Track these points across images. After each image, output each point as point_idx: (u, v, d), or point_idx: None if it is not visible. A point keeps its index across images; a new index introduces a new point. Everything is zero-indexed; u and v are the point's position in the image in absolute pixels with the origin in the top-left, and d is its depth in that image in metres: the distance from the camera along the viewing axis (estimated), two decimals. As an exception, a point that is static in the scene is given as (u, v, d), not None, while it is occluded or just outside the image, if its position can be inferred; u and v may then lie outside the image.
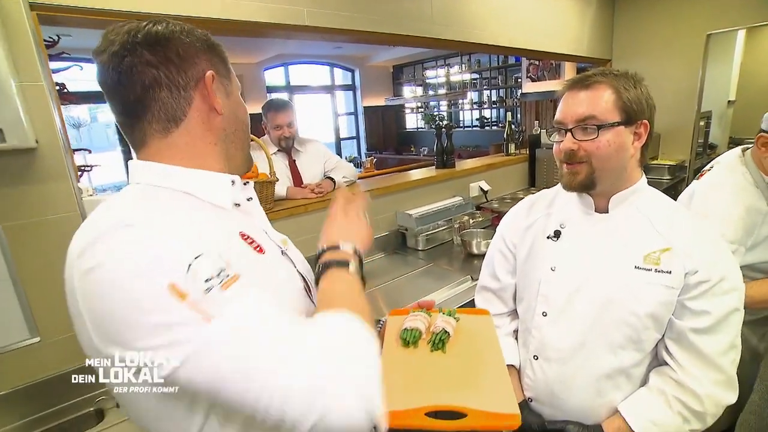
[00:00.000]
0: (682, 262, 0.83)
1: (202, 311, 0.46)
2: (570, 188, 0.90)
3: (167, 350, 0.46)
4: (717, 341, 0.82)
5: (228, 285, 0.49)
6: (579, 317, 0.90)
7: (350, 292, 0.63)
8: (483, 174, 2.85)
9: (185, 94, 0.61)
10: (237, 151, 0.69)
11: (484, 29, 2.57)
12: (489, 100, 7.60)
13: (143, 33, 0.58)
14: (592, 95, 0.84)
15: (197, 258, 0.49)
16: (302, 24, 1.73)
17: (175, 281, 0.46)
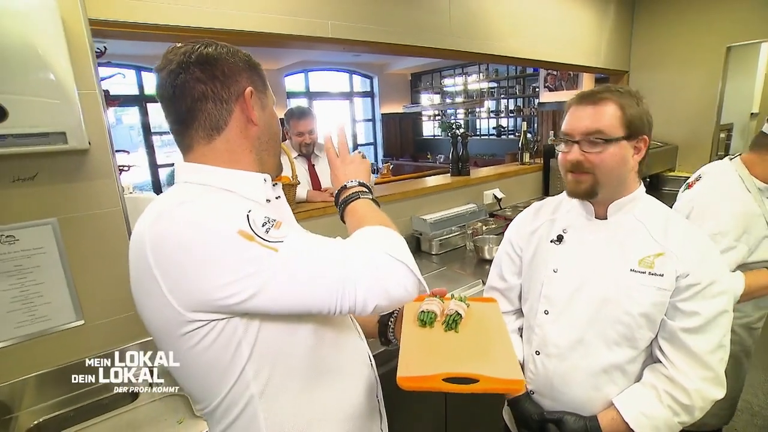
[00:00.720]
0: (675, 266, 0.89)
1: (269, 246, 0.59)
2: (574, 195, 0.98)
3: (245, 281, 0.58)
4: (706, 340, 0.88)
5: (278, 226, 0.62)
6: (578, 316, 0.97)
7: (370, 212, 0.76)
8: (497, 182, 2.91)
9: (227, 107, 0.72)
10: (269, 157, 0.78)
11: (502, 41, 2.65)
12: (506, 109, 7.65)
13: (196, 54, 0.69)
14: (600, 111, 0.91)
15: (250, 211, 0.62)
16: (326, 36, 1.83)
17: (241, 227, 0.59)
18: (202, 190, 0.67)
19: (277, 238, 0.60)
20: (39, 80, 0.91)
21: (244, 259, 0.58)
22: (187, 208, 0.61)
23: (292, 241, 0.61)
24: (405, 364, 0.75)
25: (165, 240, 0.59)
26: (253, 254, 0.58)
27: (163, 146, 6.58)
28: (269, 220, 0.62)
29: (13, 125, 0.91)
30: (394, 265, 0.64)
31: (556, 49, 3.11)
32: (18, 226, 1.09)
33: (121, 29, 1.35)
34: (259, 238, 0.59)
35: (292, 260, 0.60)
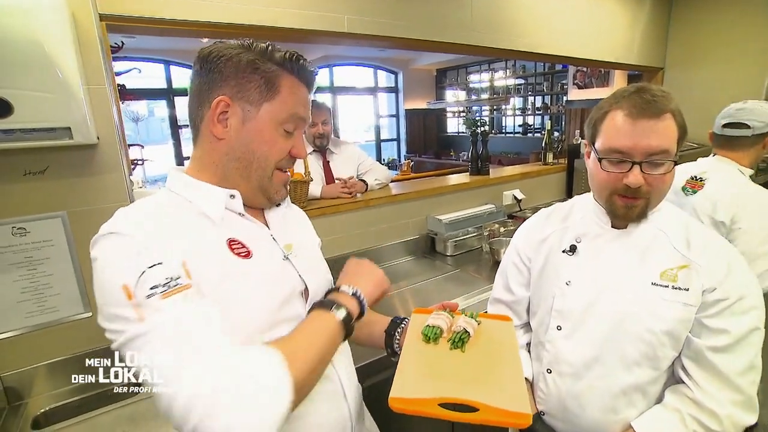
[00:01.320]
0: (700, 280, 0.82)
1: (138, 312, 0.55)
2: (624, 220, 0.89)
3: (116, 333, 0.57)
4: (736, 361, 0.80)
5: (169, 294, 0.57)
6: (594, 332, 0.90)
7: (313, 333, 0.66)
8: (518, 182, 2.82)
9: (200, 111, 0.70)
10: (240, 180, 0.72)
11: (526, 36, 2.55)
12: (533, 106, 7.45)
13: (209, 48, 0.69)
14: (663, 126, 0.80)
15: (152, 267, 0.58)
16: (342, 31, 1.80)
17: (127, 283, 0.56)
18: (152, 213, 0.66)
19: (152, 308, 0.55)
20: (44, 76, 0.92)
21: (114, 314, 0.57)
22: (109, 244, 0.61)
23: (160, 322, 0.55)
24: (400, 384, 0.70)
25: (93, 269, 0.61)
26: (120, 312, 0.56)
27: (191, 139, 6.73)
28: (167, 285, 0.57)
29: (20, 120, 0.92)
30: (221, 417, 0.51)
31: (586, 45, 2.98)
32: (29, 218, 1.11)
33: (134, 24, 1.36)
34: (135, 300, 0.56)
35: (144, 341, 0.55)
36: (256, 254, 0.71)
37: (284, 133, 0.72)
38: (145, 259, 0.58)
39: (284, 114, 0.70)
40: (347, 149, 2.40)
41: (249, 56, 0.68)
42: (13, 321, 1.15)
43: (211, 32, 1.60)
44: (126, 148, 1.43)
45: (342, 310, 0.70)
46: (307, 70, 0.73)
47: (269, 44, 0.70)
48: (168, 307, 0.56)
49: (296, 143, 0.75)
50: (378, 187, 2.30)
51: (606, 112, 0.86)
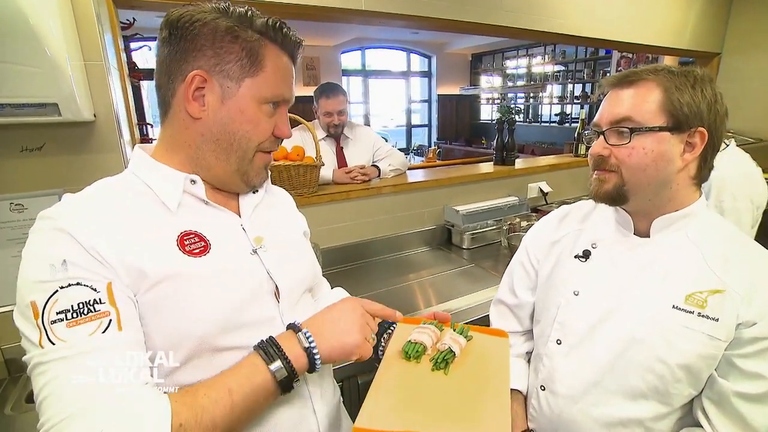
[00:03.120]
0: (737, 310, 0.69)
1: (39, 337, 0.50)
2: (596, 198, 0.80)
3: (23, 347, 0.52)
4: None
5: (77, 323, 0.50)
6: (597, 353, 0.79)
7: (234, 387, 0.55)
8: (545, 174, 2.66)
9: (171, 86, 0.62)
10: (216, 162, 0.65)
11: (563, 18, 2.36)
12: (571, 94, 7.07)
13: (178, 12, 0.61)
14: (635, 93, 0.73)
15: (67, 287, 0.51)
16: (359, 9, 1.70)
17: (36, 300, 0.51)
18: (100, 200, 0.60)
19: (55, 335, 0.49)
20: (29, 50, 0.89)
21: (20, 327, 0.52)
22: (35, 238, 0.56)
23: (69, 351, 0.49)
24: (367, 413, 0.61)
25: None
26: (25, 330, 0.51)
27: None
28: (78, 311, 0.51)
29: (5, 94, 0.89)
30: None
31: (631, 28, 2.73)
32: (26, 195, 1.11)
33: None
34: (40, 321, 0.50)
35: (36, 368, 0.49)
36: (215, 249, 0.63)
37: (268, 111, 0.65)
38: (62, 274, 0.52)
39: (268, 92, 0.64)
40: (363, 133, 2.32)
41: (227, 22, 0.60)
42: (12, 295, 1.16)
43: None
44: (132, 127, 1.41)
45: (280, 366, 0.57)
46: (291, 39, 0.66)
47: (248, 8, 0.62)
48: (72, 338, 0.50)
49: (279, 122, 0.68)
50: (392, 173, 2.21)
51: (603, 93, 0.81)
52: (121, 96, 1.26)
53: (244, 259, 0.67)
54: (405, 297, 1.67)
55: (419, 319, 0.84)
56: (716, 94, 0.73)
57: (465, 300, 1.60)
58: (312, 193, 1.80)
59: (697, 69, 0.75)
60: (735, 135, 3.23)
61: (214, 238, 0.64)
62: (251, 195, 0.74)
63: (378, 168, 2.14)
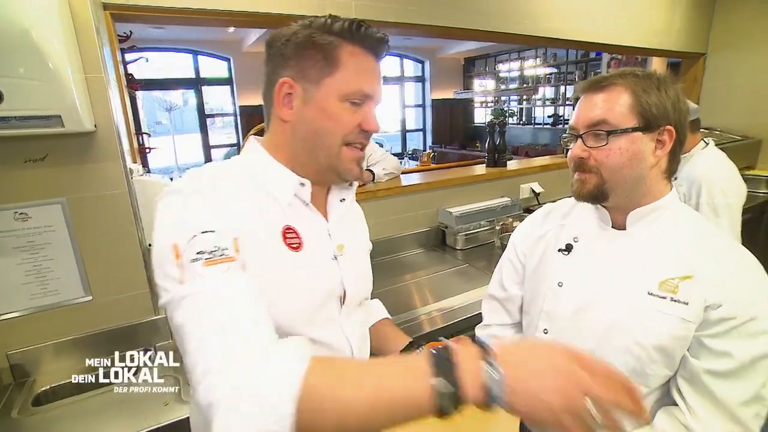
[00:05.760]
0: (704, 294, 0.73)
1: (181, 273, 0.55)
2: (579, 198, 0.85)
3: (162, 290, 0.57)
4: (738, 389, 0.71)
5: (212, 263, 0.56)
6: (580, 340, 0.84)
7: (383, 381, 0.48)
8: (537, 175, 2.71)
9: (269, 96, 0.70)
10: (309, 161, 0.70)
11: (551, 21, 2.43)
12: (563, 96, 7.16)
13: (270, 34, 0.71)
14: (607, 98, 0.78)
15: (204, 233, 0.58)
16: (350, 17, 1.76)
17: (177, 243, 0.56)
18: (220, 178, 0.66)
19: (192, 273, 0.55)
20: (33, 64, 0.93)
21: (162, 271, 0.57)
22: (170, 202, 0.62)
23: (197, 289, 0.54)
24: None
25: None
26: (168, 270, 0.56)
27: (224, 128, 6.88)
28: (213, 252, 0.57)
29: (11, 108, 0.94)
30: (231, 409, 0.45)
31: (619, 30, 2.80)
32: (30, 204, 1.15)
33: (138, 13, 1.37)
34: (181, 260, 0.56)
35: (178, 303, 0.54)
36: (306, 248, 0.70)
37: (350, 106, 0.68)
38: (199, 223, 0.59)
39: (347, 88, 0.67)
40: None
41: (306, 32, 0.66)
42: (18, 302, 1.20)
43: (220, 21, 1.60)
44: (132, 137, 1.45)
45: (447, 388, 0.46)
46: (370, 36, 0.68)
47: (329, 17, 0.67)
48: (209, 274, 0.56)
49: (366, 115, 0.70)
50: (386, 177, 2.26)
51: (575, 97, 0.86)
52: (120, 107, 1.30)
53: (326, 263, 0.74)
54: (402, 297, 1.71)
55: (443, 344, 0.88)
56: (678, 93, 0.78)
57: (460, 298, 1.65)
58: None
59: (658, 71, 0.80)
60: (722, 133, 3.30)
61: (306, 237, 0.71)
62: (339, 204, 0.79)
63: (372, 172, 2.19)
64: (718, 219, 1.59)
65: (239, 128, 6.60)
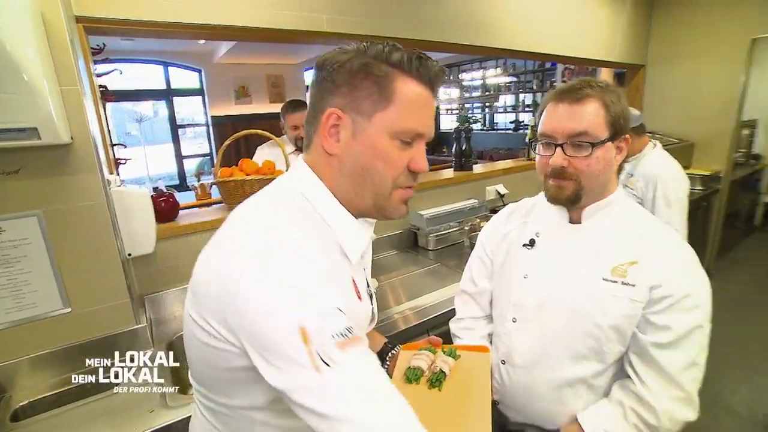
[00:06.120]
0: (648, 276, 0.81)
1: (314, 361, 0.49)
2: (556, 202, 0.89)
3: (283, 373, 0.50)
4: (678, 357, 0.80)
5: (345, 346, 0.51)
6: (546, 326, 0.90)
7: None
8: (501, 177, 2.81)
9: (314, 122, 0.64)
10: (355, 198, 0.64)
11: (509, 35, 2.53)
12: (523, 103, 7.42)
13: (321, 56, 0.64)
14: (584, 110, 0.82)
15: (331, 310, 0.52)
16: (321, 30, 1.78)
17: (305, 326, 0.50)
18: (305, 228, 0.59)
19: (330, 359, 0.49)
20: (7, 77, 0.90)
21: (283, 352, 0.50)
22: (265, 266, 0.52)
23: (345, 371, 0.50)
24: None
25: (247, 296, 0.52)
26: (292, 355, 0.49)
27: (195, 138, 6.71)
28: (341, 334, 0.51)
29: (-14, 121, 0.90)
30: None
31: (570, 43, 2.96)
32: (4, 217, 1.10)
33: (111, 26, 1.35)
34: (313, 347, 0.49)
35: (328, 389, 0.49)
36: (362, 293, 0.69)
37: (400, 145, 0.62)
38: (329, 299, 0.52)
39: (399, 125, 0.60)
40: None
41: (362, 60, 0.60)
42: (-9, 316, 1.14)
43: (190, 33, 1.59)
44: (108, 148, 1.42)
45: None
46: (430, 68, 0.62)
47: (387, 44, 0.61)
48: (347, 361, 0.50)
49: (416, 155, 0.63)
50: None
51: (545, 104, 0.89)
52: (95, 118, 1.27)
53: (367, 300, 0.74)
54: (378, 297, 1.73)
55: (417, 345, 0.96)
56: (626, 103, 0.86)
57: (433, 296, 1.69)
58: (285, 204, 1.85)
59: (609, 82, 0.87)
60: (662, 136, 3.53)
61: (359, 283, 0.69)
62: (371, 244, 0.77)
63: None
64: (670, 209, 1.72)
65: (212, 138, 6.46)
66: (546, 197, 0.92)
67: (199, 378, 0.66)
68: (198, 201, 1.79)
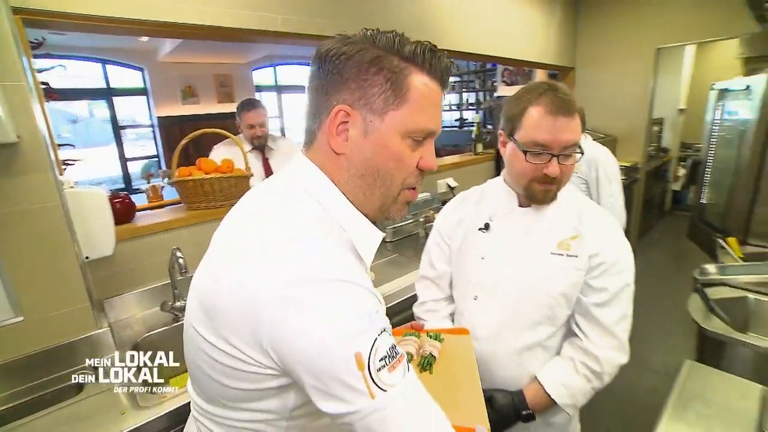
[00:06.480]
0: (587, 248, 0.92)
1: (369, 386, 0.48)
2: (541, 203, 0.96)
3: (339, 400, 0.49)
4: (613, 313, 0.91)
5: (394, 367, 0.50)
6: (504, 300, 0.98)
7: None
8: (451, 171, 2.93)
9: (317, 118, 0.59)
10: (364, 200, 0.60)
11: (453, 37, 2.63)
12: (466, 102, 7.70)
13: (323, 44, 0.58)
14: (576, 123, 0.88)
15: (381, 334, 0.50)
16: (276, 30, 1.76)
17: (360, 351, 0.48)
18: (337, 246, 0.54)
19: (384, 383, 0.49)
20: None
21: (339, 379, 0.48)
22: (316, 294, 0.49)
23: (398, 394, 0.49)
24: None
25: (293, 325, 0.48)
26: (350, 382, 0.48)
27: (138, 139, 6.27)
28: (389, 356, 0.50)
29: None
30: None
31: (509, 45, 3.12)
32: (-56, 222, 1.01)
33: (51, 19, 1.26)
34: (368, 372, 0.48)
35: (382, 413, 0.49)
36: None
37: (412, 144, 0.58)
38: (377, 321, 0.50)
39: (413, 124, 0.57)
40: (285, 144, 2.37)
41: (373, 52, 0.55)
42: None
43: (139, 29, 1.51)
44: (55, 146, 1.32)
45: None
46: (442, 63, 0.58)
47: (397, 35, 0.56)
48: (397, 383, 0.50)
49: (425, 153, 0.60)
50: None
51: (525, 108, 0.89)
52: (42, 116, 1.18)
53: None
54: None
55: (401, 331, 0.98)
56: None
57: (394, 284, 1.75)
58: (246, 202, 1.81)
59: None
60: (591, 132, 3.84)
61: None
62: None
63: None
64: (611, 186, 1.91)
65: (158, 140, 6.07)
66: (526, 197, 0.97)
67: (214, 398, 0.61)
68: (150, 203, 1.71)
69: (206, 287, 0.56)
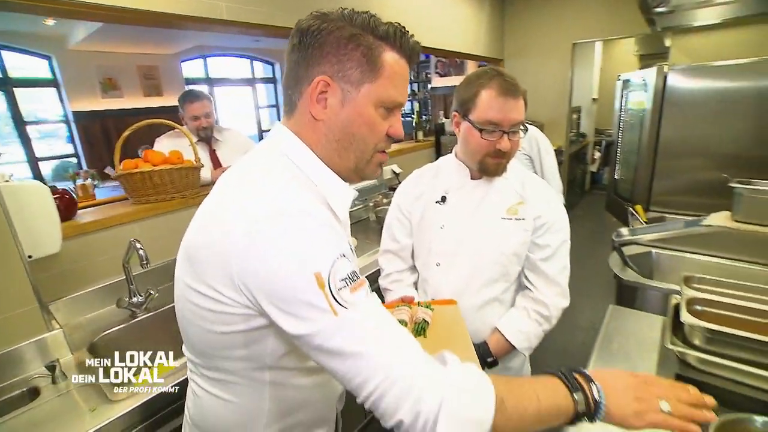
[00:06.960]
0: (532, 211, 1.07)
1: (331, 304, 0.52)
2: (494, 175, 1.08)
3: (302, 320, 0.53)
4: (555, 265, 1.08)
5: (356, 288, 0.54)
6: (464, 263, 1.10)
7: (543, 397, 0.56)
8: (395, 158, 3.05)
9: (297, 88, 0.65)
10: (338, 160, 0.67)
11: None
12: (404, 94, 7.87)
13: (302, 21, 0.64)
14: (521, 103, 1.01)
15: (340, 258, 0.54)
16: (220, 18, 1.73)
17: (319, 271, 0.52)
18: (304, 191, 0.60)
19: (345, 301, 0.52)
20: None
21: (300, 300, 0.52)
22: (283, 226, 0.54)
23: (359, 311, 0.53)
24: None
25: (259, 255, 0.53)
26: (311, 300, 0.52)
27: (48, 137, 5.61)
28: (350, 278, 0.54)
29: None
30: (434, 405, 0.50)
31: (442, 37, 3.29)
32: None
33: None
34: (329, 290, 0.52)
35: (346, 329, 0.52)
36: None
37: (383, 113, 0.66)
38: (333, 248, 0.54)
39: (385, 95, 0.64)
40: (232, 135, 2.32)
41: (351, 30, 0.61)
42: None
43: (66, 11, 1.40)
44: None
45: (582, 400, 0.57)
46: (412, 45, 0.66)
47: (371, 16, 0.63)
48: (359, 301, 0.53)
49: (394, 123, 0.68)
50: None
51: (477, 91, 1.00)
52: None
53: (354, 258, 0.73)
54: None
55: (393, 304, 1.05)
56: None
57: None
58: (196, 194, 1.77)
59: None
60: (519, 119, 4.18)
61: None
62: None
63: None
64: (549, 156, 2.22)
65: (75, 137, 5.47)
66: (479, 170, 1.08)
67: (201, 348, 0.66)
68: (81, 204, 1.60)
69: (192, 238, 0.62)
